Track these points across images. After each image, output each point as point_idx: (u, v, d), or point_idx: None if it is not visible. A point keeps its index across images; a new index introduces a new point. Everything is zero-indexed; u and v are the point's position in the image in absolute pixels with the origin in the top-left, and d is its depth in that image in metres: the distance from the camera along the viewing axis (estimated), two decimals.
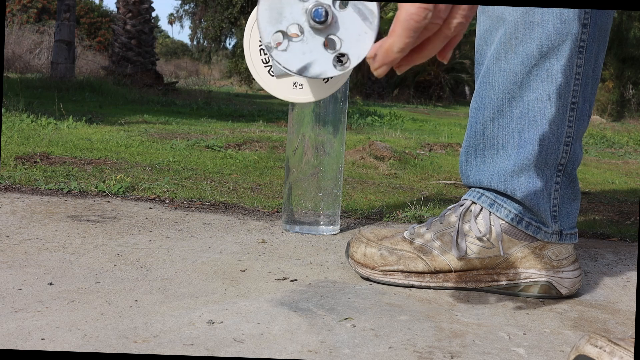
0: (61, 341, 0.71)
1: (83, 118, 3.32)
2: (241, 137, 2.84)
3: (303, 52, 0.59)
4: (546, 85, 0.94)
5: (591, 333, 0.65)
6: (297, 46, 0.59)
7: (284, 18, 0.58)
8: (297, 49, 0.59)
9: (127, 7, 8.42)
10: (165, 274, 0.98)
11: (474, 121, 0.99)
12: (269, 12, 0.58)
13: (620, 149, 4.01)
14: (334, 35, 0.59)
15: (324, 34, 0.58)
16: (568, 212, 0.98)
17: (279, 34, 0.59)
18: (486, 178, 0.98)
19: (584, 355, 0.63)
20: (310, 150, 1.27)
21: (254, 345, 0.73)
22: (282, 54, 0.59)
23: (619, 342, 0.63)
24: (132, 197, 1.52)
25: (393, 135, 3.66)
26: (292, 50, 0.59)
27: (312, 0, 0.58)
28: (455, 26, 0.56)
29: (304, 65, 0.59)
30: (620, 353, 0.61)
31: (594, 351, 0.63)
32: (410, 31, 0.54)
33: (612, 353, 0.62)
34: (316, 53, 0.59)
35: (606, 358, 0.62)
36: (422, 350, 0.75)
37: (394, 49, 0.55)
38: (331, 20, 0.58)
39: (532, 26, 0.92)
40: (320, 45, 0.59)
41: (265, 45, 0.59)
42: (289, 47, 0.59)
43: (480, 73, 0.99)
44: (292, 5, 0.58)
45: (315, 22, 0.57)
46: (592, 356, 0.63)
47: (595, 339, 0.64)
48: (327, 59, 0.59)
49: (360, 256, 1.00)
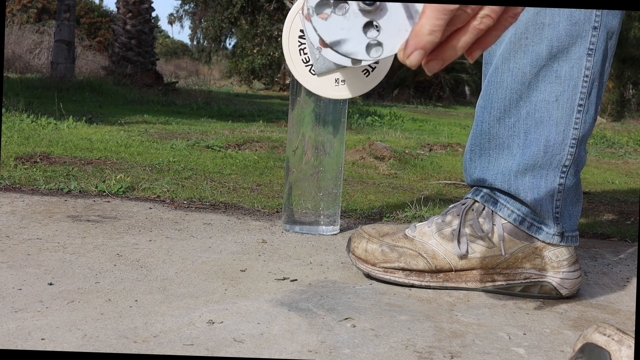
0: (61, 341, 0.71)
1: (83, 118, 3.32)
2: (241, 137, 2.84)
3: (342, 27, 0.59)
4: (554, 86, 0.94)
5: (599, 323, 0.65)
6: (339, 19, 0.60)
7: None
8: (337, 21, 0.60)
9: (127, 7, 8.42)
10: (165, 274, 0.98)
11: (480, 120, 0.99)
12: None
13: (620, 149, 4.01)
14: (376, 21, 0.59)
15: (366, 16, 0.59)
16: (570, 215, 0.98)
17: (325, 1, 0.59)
18: (490, 177, 0.98)
19: (592, 343, 0.63)
20: (310, 150, 1.26)
21: (254, 345, 0.73)
22: (321, 22, 0.60)
23: (627, 331, 0.62)
24: (132, 197, 1.52)
25: (393, 135, 3.66)
26: (332, 21, 0.60)
27: None
28: (483, 17, 0.55)
29: (337, 40, 0.60)
30: (629, 342, 0.61)
31: (602, 339, 0.63)
32: (439, 12, 0.54)
33: (621, 341, 0.61)
34: (353, 32, 0.60)
35: (614, 346, 0.62)
36: (422, 350, 0.75)
37: (424, 30, 0.55)
38: (379, 6, 0.58)
39: (543, 27, 0.92)
40: (360, 26, 0.59)
41: (309, 7, 0.59)
42: (331, 17, 0.59)
43: (488, 72, 0.99)
44: None
45: (364, 4, 0.58)
46: (600, 344, 0.62)
47: (603, 328, 0.63)
48: (361, 41, 0.60)
49: (362, 252, 1.00)
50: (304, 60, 0.86)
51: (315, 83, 0.86)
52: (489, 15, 0.56)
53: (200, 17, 17.68)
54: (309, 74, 0.86)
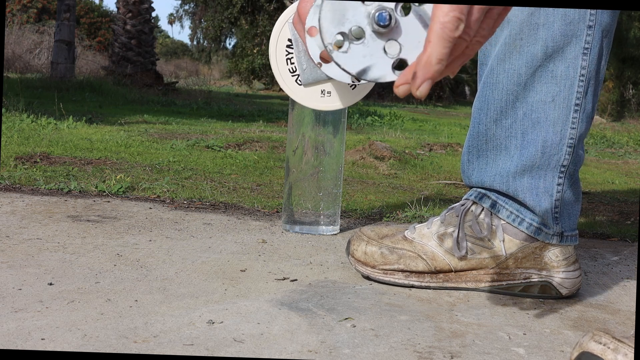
0: (61, 341, 0.71)
1: (83, 118, 3.32)
2: (241, 137, 2.84)
3: (363, 55, 0.59)
4: (550, 86, 0.94)
5: (595, 330, 0.65)
6: (358, 49, 0.59)
7: (347, 20, 0.58)
8: (357, 51, 0.59)
9: (127, 7, 8.42)
10: (165, 274, 0.98)
11: (477, 121, 0.99)
12: (332, 13, 0.58)
13: (620, 149, 4.01)
14: (395, 40, 0.59)
15: (384, 38, 0.59)
16: (569, 214, 0.98)
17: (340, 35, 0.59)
18: (488, 178, 0.98)
19: (588, 352, 0.63)
20: (310, 150, 1.27)
21: (254, 345, 0.73)
22: (342, 56, 0.59)
23: (623, 339, 0.63)
24: (132, 197, 1.52)
25: (393, 135, 3.67)
26: (352, 52, 0.59)
27: (375, 4, 0.58)
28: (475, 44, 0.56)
29: (363, 68, 0.59)
30: (625, 350, 0.61)
31: (598, 348, 0.63)
32: (445, 41, 0.54)
33: (617, 350, 0.62)
34: (376, 57, 0.59)
35: (610, 355, 0.62)
36: (422, 350, 0.75)
37: (432, 60, 0.55)
38: (394, 25, 0.58)
39: (537, 27, 0.92)
40: (381, 49, 0.59)
41: (326, 45, 0.59)
42: (350, 49, 0.59)
43: (483, 73, 0.99)
44: (355, 8, 0.58)
45: (378, 26, 0.58)
46: (596, 353, 0.62)
47: (599, 336, 0.63)
48: (386, 63, 0.59)
49: (361, 254, 1.00)
50: (291, 70, 0.86)
51: (301, 93, 0.86)
52: (479, 41, 0.57)
53: (200, 17, 17.69)
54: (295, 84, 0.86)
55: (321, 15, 0.58)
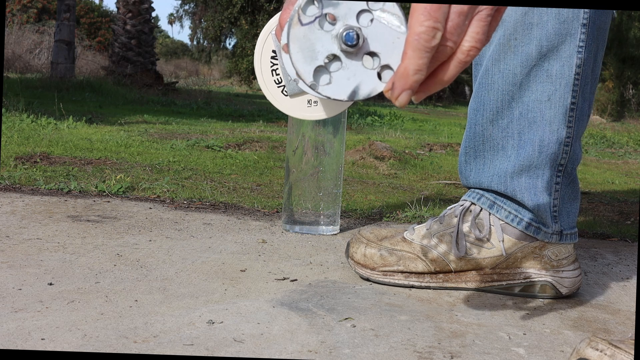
0: (61, 341, 0.71)
1: (83, 118, 3.32)
2: (241, 137, 2.84)
3: (347, 78, 0.58)
4: (545, 85, 0.94)
5: (591, 336, 0.65)
6: (340, 74, 0.58)
7: (318, 53, 0.57)
8: (340, 77, 0.58)
9: (127, 7, 8.41)
10: (165, 274, 0.98)
11: (473, 122, 0.99)
12: (301, 53, 0.57)
13: (620, 149, 4.01)
14: (369, 53, 0.58)
15: (360, 54, 0.58)
16: (568, 212, 0.98)
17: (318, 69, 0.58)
18: (486, 179, 0.98)
19: (585, 358, 0.63)
20: (310, 150, 1.27)
21: (254, 345, 0.73)
22: (328, 88, 0.58)
23: (619, 344, 0.62)
24: (132, 197, 1.52)
25: (393, 135, 3.67)
26: (336, 80, 0.58)
27: (339, 25, 0.57)
28: (468, 50, 0.54)
29: (352, 91, 0.58)
30: (621, 356, 0.61)
31: (594, 354, 0.63)
32: (421, 52, 0.53)
33: (613, 356, 0.61)
34: (359, 75, 0.58)
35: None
36: (422, 350, 0.75)
37: (409, 71, 0.54)
38: (363, 40, 0.57)
39: (531, 27, 0.92)
40: (361, 66, 0.58)
41: (310, 85, 0.58)
42: (332, 78, 0.58)
43: (478, 74, 0.99)
44: (320, 38, 0.57)
45: (348, 46, 0.57)
46: (593, 359, 0.62)
47: (595, 342, 0.63)
48: (371, 76, 0.58)
49: (360, 257, 1.00)
50: (276, 81, 0.86)
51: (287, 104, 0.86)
52: (474, 47, 0.55)
53: (200, 17, 17.68)
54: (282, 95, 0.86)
55: (292, 59, 0.58)
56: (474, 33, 0.54)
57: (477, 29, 0.54)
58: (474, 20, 0.54)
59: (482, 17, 0.54)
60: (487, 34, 0.55)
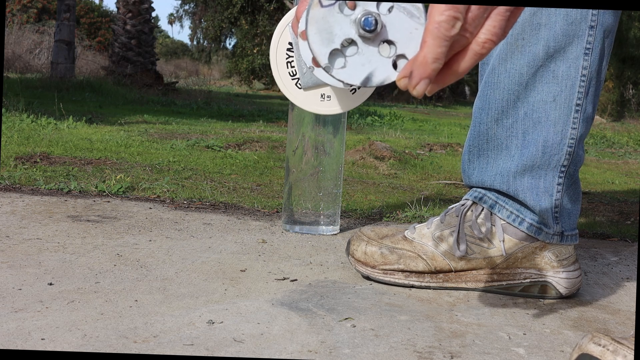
0: (61, 341, 0.71)
1: (83, 118, 3.32)
2: (241, 137, 2.84)
3: (362, 64, 0.58)
4: (551, 86, 0.94)
5: (594, 332, 0.65)
6: (355, 59, 0.58)
7: (335, 36, 0.58)
8: (355, 62, 0.58)
9: (127, 7, 8.42)
10: (165, 274, 0.98)
11: (478, 121, 0.99)
12: (319, 35, 0.58)
13: (620, 149, 4.01)
14: (387, 40, 0.58)
15: (376, 41, 0.58)
16: (569, 213, 0.98)
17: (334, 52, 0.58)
18: (489, 178, 0.98)
19: (587, 354, 0.63)
20: (310, 150, 1.27)
21: (254, 345, 0.73)
22: (342, 72, 0.58)
23: (622, 340, 0.62)
24: (132, 197, 1.52)
25: (393, 135, 3.66)
26: (350, 65, 0.58)
27: (358, 10, 0.57)
28: (484, 42, 0.55)
29: (366, 77, 0.59)
30: (624, 352, 0.61)
31: (597, 350, 0.63)
32: (440, 40, 0.54)
33: (616, 352, 0.62)
34: (374, 62, 0.58)
35: (609, 357, 0.62)
36: (422, 350, 0.75)
37: (428, 59, 0.55)
38: (381, 27, 0.57)
39: (539, 27, 0.92)
40: (376, 53, 0.58)
41: (324, 68, 0.58)
42: (347, 63, 0.58)
43: (485, 73, 0.99)
44: (339, 21, 0.57)
45: (366, 32, 0.57)
46: (595, 355, 0.62)
47: (598, 338, 0.63)
48: (386, 64, 0.59)
49: (361, 254, 1.00)
50: (291, 74, 0.86)
51: (301, 97, 0.86)
52: (490, 39, 0.55)
53: (200, 17, 17.69)
54: (295, 88, 0.86)
55: (309, 40, 0.58)
56: (491, 27, 0.55)
57: (495, 23, 0.55)
58: (493, 14, 0.55)
59: (500, 11, 0.55)
60: (504, 29, 0.56)
